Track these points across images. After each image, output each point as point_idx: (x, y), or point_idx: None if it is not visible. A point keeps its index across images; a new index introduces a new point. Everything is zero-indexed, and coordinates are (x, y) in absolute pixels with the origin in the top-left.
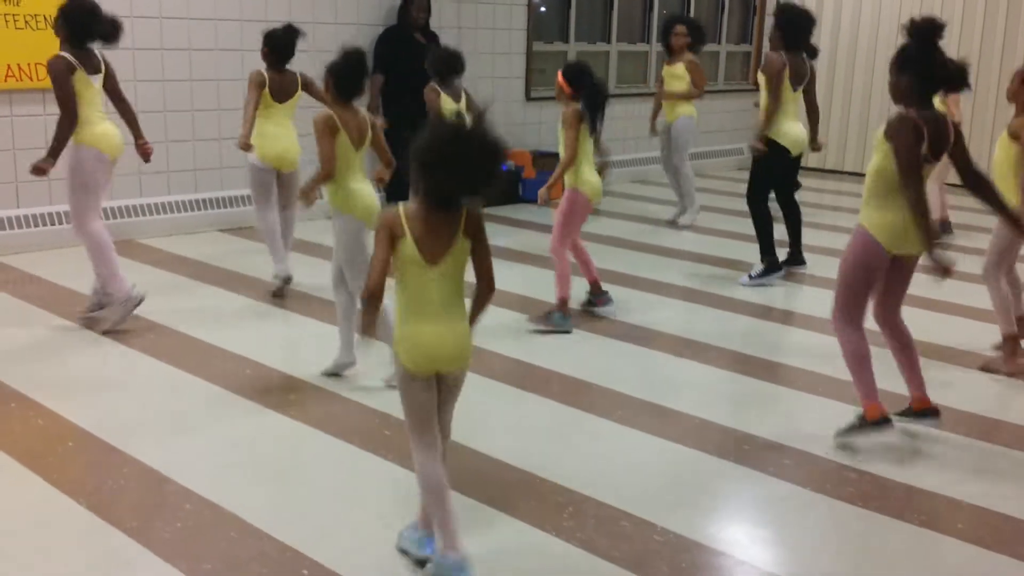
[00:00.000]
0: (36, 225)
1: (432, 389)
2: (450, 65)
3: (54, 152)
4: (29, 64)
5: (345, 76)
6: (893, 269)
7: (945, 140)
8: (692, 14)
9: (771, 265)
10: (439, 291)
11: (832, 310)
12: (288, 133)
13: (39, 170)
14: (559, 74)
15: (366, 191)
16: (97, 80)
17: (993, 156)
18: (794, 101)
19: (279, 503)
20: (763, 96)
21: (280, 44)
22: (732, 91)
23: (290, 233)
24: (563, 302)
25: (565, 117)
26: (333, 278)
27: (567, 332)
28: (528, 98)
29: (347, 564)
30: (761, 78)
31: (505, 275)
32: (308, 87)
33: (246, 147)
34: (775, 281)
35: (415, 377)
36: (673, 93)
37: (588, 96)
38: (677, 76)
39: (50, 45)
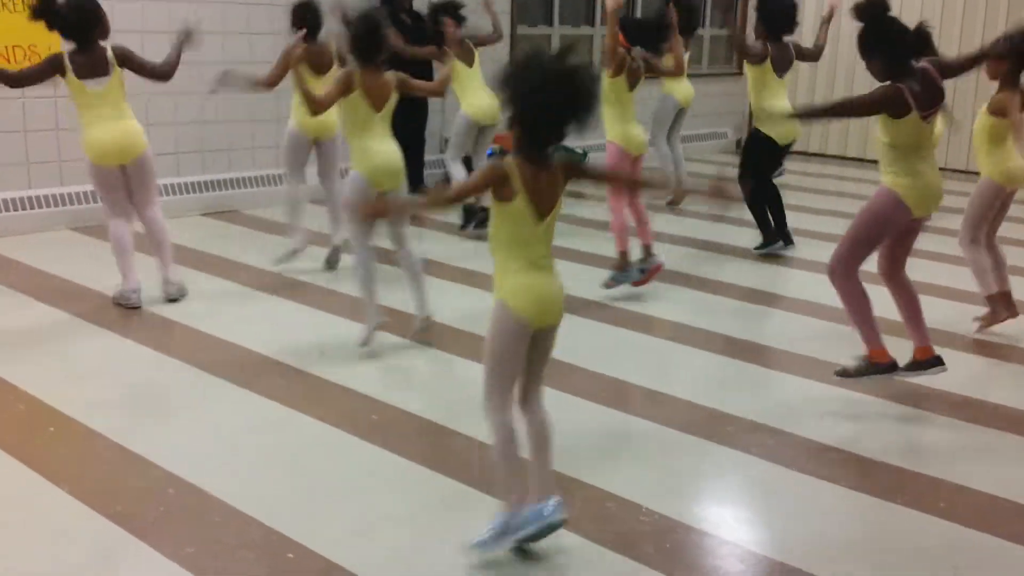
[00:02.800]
0: (15, 209)
1: (527, 344)
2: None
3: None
4: (7, 46)
5: (360, 40)
6: (907, 227)
7: (937, 89)
8: None
9: (768, 238)
10: (546, 245)
11: (832, 261)
12: None
13: None
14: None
15: (382, 152)
16: (94, 84)
17: (974, 126)
18: (782, 88)
19: (264, 488)
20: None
21: (311, 20)
22: (716, 75)
23: (335, 203)
24: (622, 255)
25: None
26: (351, 235)
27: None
28: None
29: (333, 548)
30: (749, 68)
31: (488, 257)
32: (341, 60)
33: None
34: (767, 263)
35: (522, 329)
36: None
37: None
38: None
39: (28, 28)
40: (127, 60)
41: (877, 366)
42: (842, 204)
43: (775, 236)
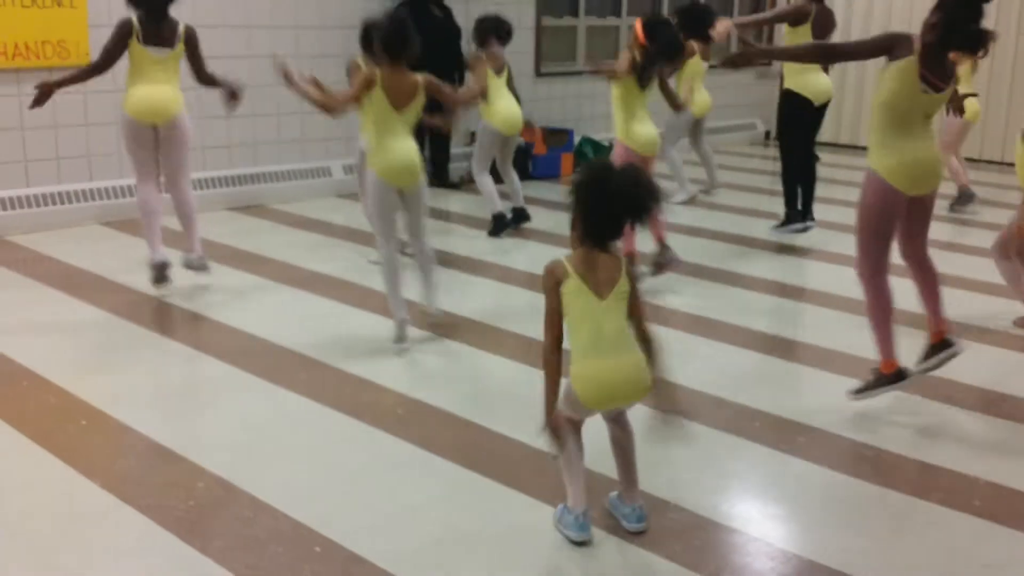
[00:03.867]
0: (45, 204)
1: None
2: (497, 29)
3: (60, 81)
4: (36, 42)
5: (386, 36)
6: (912, 206)
7: (952, 76)
8: None
9: (790, 217)
10: (610, 323)
11: (856, 259)
12: None
13: (42, 90)
14: (637, 22)
15: (399, 152)
16: (157, 51)
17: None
18: None
19: (292, 481)
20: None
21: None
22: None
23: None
24: (630, 256)
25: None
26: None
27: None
28: (538, 73)
29: (360, 542)
30: (788, 29)
31: (512, 253)
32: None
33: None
34: (796, 233)
35: (588, 411)
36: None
37: (660, 48)
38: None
39: (57, 23)
40: (191, 43)
41: (882, 377)
42: None
43: (798, 216)
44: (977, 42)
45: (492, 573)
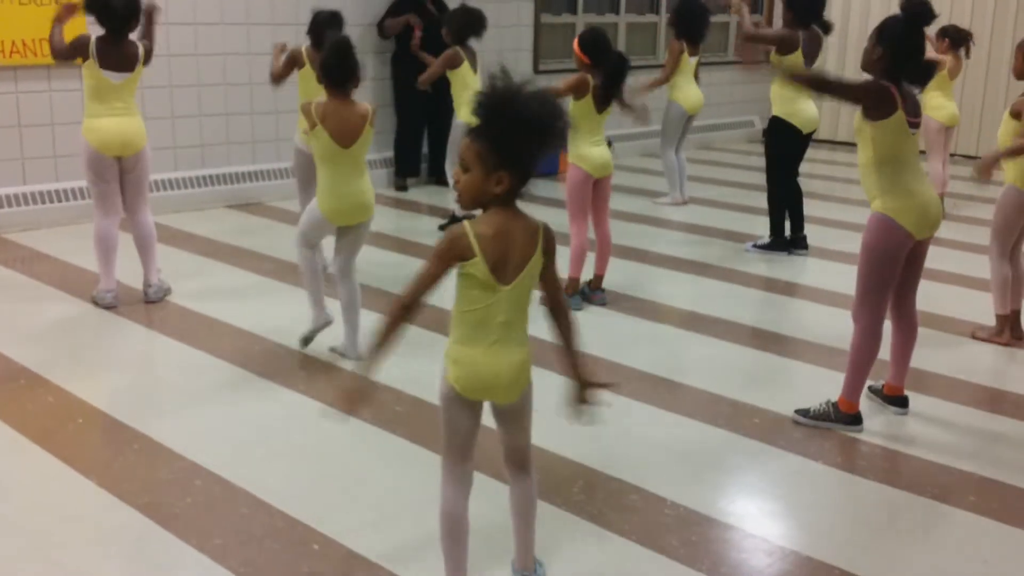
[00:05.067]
0: (43, 202)
1: (478, 416)
2: (471, 25)
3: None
4: (34, 40)
5: (327, 66)
6: (911, 252)
7: (916, 113)
8: None
9: (776, 243)
10: (505, 313)
11: (854, 304)
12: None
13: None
14: (575, 43)
15: (351, 195)
16: (115, 76)
17: (998, 132)
18: None
19: (289, 479)
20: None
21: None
22: (742, 62)
23: None
24: (573, 282)
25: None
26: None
27: (577, 310)
28: (536, 71)
29: (357, 539)
30: (774, 56)
31: None
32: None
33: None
34: (778, 257)
35: (461, 404)
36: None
37: (606, 69)
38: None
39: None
40: (148, 56)
41: (843, 415)
42: None
43: (783, 245)
44: (925, 75)
45: (490, 570)
